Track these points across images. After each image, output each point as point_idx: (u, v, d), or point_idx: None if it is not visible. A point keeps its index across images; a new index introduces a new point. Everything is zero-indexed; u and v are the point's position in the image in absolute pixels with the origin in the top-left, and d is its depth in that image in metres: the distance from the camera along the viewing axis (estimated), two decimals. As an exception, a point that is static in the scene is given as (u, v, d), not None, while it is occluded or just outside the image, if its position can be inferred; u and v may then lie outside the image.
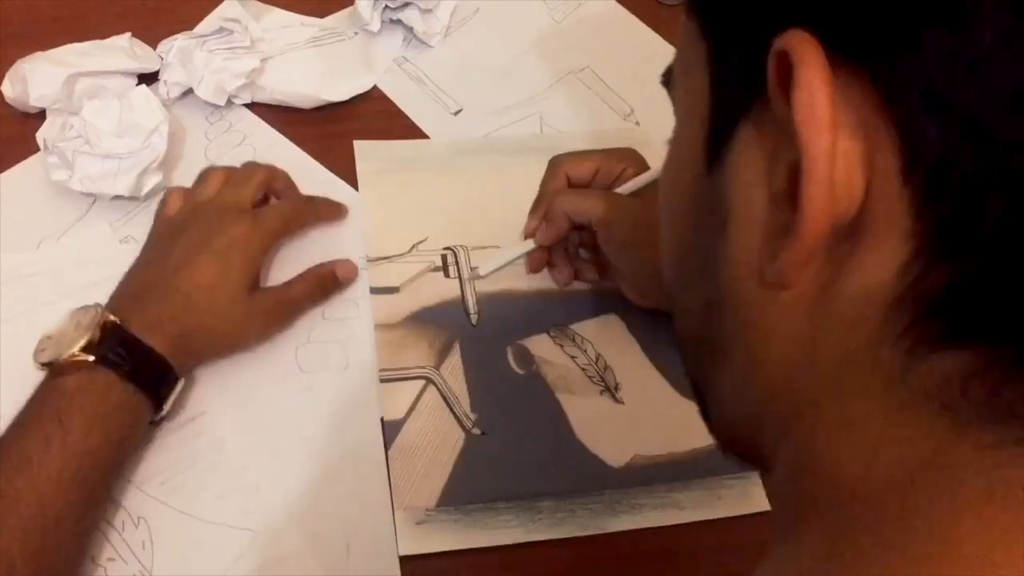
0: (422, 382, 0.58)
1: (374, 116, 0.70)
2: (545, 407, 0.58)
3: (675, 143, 0.32)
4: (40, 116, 0.65)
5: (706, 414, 0.35)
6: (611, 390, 0.59)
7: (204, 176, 0.61)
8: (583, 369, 0.60)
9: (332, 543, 0.52)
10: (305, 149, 0.68)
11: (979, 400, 0.22)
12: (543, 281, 0.63)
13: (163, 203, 0.60)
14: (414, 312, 0.61)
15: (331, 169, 0.67)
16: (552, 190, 0.60)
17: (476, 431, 0.56)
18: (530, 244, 0.61)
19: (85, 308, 0.51)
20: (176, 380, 0.53)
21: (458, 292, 0.62)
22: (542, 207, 0.60)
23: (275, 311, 0.58)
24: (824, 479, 0.25)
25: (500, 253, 0.62)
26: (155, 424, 0.53)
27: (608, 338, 0.61)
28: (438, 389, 0.58)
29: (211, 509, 0.52)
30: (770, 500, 0.28)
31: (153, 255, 0.57)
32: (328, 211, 0.64)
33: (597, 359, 0.60)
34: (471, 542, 0.52)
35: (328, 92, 0.69)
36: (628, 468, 0.56)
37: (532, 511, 0.54)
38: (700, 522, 0.55)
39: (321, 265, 0.61)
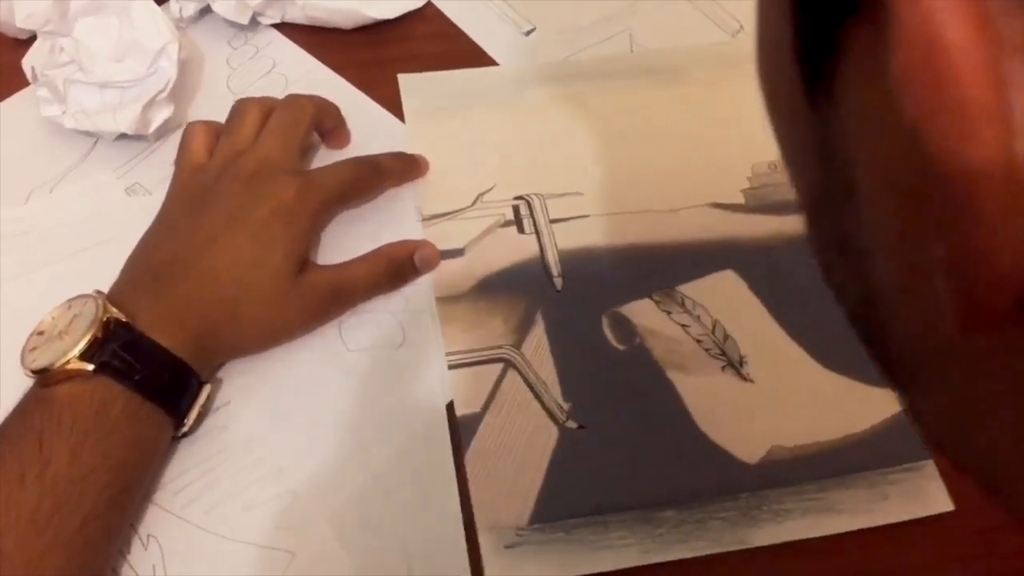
0: (500, 365, 0.46)
1: (429, 38, 0.58)
2: (655, 390, 0.46)
3: (761, 46, 0.20)
4: (32, 42, 0.55)
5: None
6: (735, 365, 0.47)
7: (239, 112, 0.50)
8: (698, 340, 0.48)
9: (389, 567, 0.41)
10: (347, 78, 0.56)
11: None
12: (639, 234, 0.51)
13: (184, 141, 0.49)
14: (484, 278, 0.49)
15: (379, 103, 0.55)
16: None
17: (571, 424, 0.45)
18: None
19: (84, 297, 0.41)
20: (200, 386, 0.43)
21: (536, 250, 0.50)
22: None
23: (326, 298, 0.47)
24: None
25: None
26: (177, 439, 0.43)
27: (725, 300, 0.49)
28: (520, 373, 0.46)
29: (239, 525, 0.42)
30: None
31: (174, 222, 0.46)
32: (400, 176, 0.52)
33: (714, 327, 0.48)
34: (577, 568, 0.41)
35: (373, 8, 0.57)
36: (766, 463, 0.44)
37: (651, 524, 0.42)
38: (865, 530, 0.43)
39: (393, 244, 0.49)
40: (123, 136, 0.52)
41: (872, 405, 0.46)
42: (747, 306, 0.49)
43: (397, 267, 0.48)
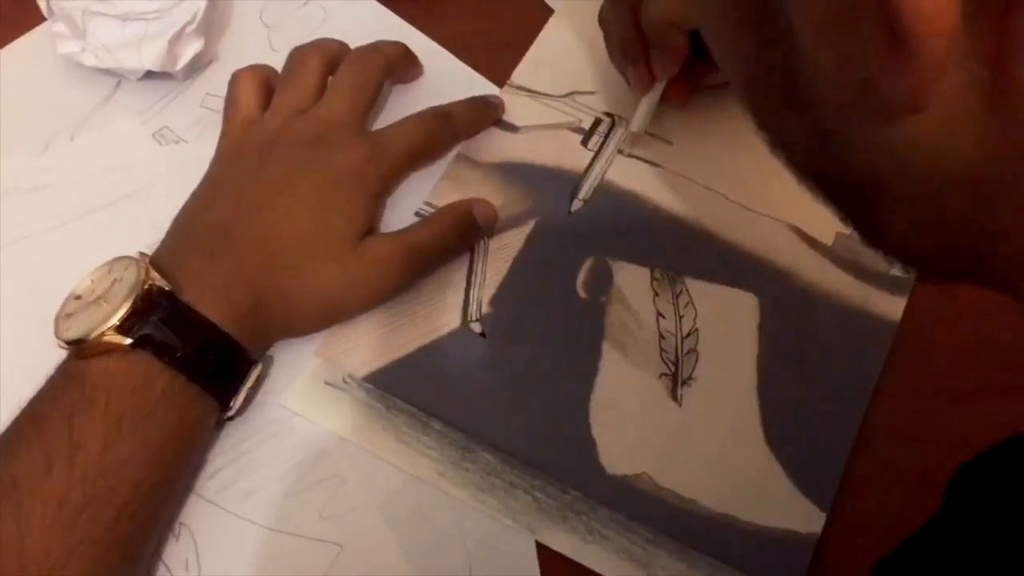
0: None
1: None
2: (579, 351, 0.42)
3: None
4: (44, -27, 0.49)
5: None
6: (676, 380, 0.41)
7: (298, 63, 0.45)
8: (660, 335, 0.42)
9: (448, 563, 0.38)
10: (392, 10, 0.51)
11: None
12: (694, 211, 0.45)
13: (232, 93, 0.45)
14: (511, 162, 0.47)
15: (430, 38, 0.51)
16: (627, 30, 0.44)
17: (475, 327, 0.42)
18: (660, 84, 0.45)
19: (126, 260, 0.37)
20: (250, 366, 0.39)
21: (583, 167, 0.47)
22: (637, 42, 0.44)
23: (396, 269, 0.41)
24: None
25: (641, 106, 0.46)
26: (221, 423, 0.39)
27: (723, 319, 0.43)
28: (470, 259, 0.44)
29: (280, 513, 0.38)
30: None
31: (224, 183, 0.42)
32: (474, 125, 0.47)
33: (687, 335, 0.42)
34: (370, 444, 0.40)
35: None
36: (622, 482, 0.39)
37: (464, 455, 0.40)
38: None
39: (452, 203, 0.45)
40: (148, 75, 0.47)
41: (781, 508, 0.39)
42: (741, 339, 0.42)
43: (464, 223, 0.43)
